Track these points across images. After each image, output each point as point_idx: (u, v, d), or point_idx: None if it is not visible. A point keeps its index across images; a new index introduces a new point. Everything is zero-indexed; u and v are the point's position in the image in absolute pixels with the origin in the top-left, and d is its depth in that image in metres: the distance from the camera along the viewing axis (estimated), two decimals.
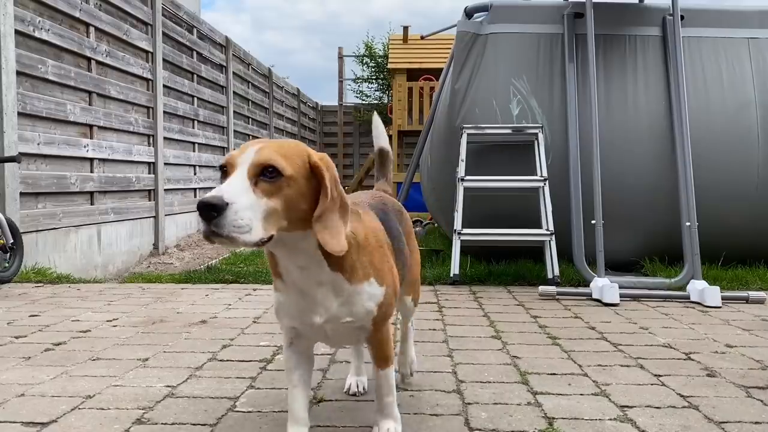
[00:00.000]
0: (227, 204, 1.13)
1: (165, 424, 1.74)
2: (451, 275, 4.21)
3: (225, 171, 1.22)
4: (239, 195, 1.16)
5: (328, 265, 1.35)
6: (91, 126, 5.72)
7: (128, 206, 6.38)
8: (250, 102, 10.55)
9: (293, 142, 1.29)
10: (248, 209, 1.15)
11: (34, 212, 4.96)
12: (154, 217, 6.93)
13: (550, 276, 4.14)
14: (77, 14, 5.48)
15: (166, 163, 7.15)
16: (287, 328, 1.48)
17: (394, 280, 1.50)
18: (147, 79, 6.79)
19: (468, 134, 4.45)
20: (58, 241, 5.25)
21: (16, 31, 4.72)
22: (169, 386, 2.06)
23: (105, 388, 2.04)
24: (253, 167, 1.19)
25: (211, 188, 9.61)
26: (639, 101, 4.56)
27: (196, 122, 8.11)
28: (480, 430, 1.70)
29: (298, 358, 1.51)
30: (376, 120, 1.99)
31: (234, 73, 9.62)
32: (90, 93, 5.70)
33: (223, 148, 9.09)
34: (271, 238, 1.20)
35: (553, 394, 2.00)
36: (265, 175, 1.19)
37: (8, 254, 4.27)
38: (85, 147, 5.60)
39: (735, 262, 4.48)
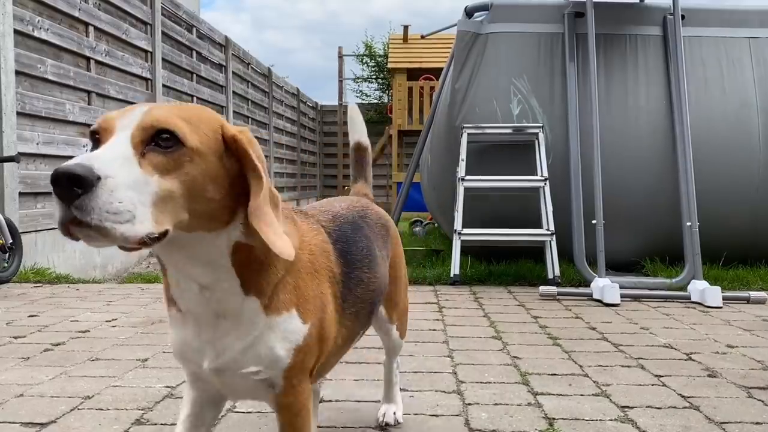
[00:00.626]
0: (99, 178, 0.77)
1: (164, 424, 1.73)
2: (452, 275, 4.20)
3: (97, 139, 0.87)
4: (118, 166, 0.80)
5: (241, 284, 0.98)
6: (90, 126, 5.71)
7: None
8: (249, 101, 10.54)
9: (201, 107, 0.95)
10: (130, 188, 0.80)
11: (33, 212, 4.95)
12: None
13: (550, 276, 4.14)
14: (76, 14, 5.47)
15: None
16: (187, 372, 1.12)
17: (324, 320, 1.09)
18: (146, 79, 6.78)
19: (468, 134, 4.45)
20: (57, 241, 5.24)
21: (15, 31, 4.71)
22: (168, 387, 2.06)
23: (104, 389, 2.03)
24: (140, 131, 0.84)
25: None
26: (640, 101, 4.55)
27: None
28: (480, 430, 1.69)
29: (197, 398, 1.14)
30: (352, 111, 1.68)
31: (233, 72, 9.61)
32: (89, 93, 5.69)
33: None
34: (164, 235, 0.84)
35: (554, 394, 1.99)
36: (157, 144, 0.84)
37: (7, 254, 4.26)
38: (84, 147, 5.59)
39: (736, 263, 4.47)
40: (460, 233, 4.30)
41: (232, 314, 1.00)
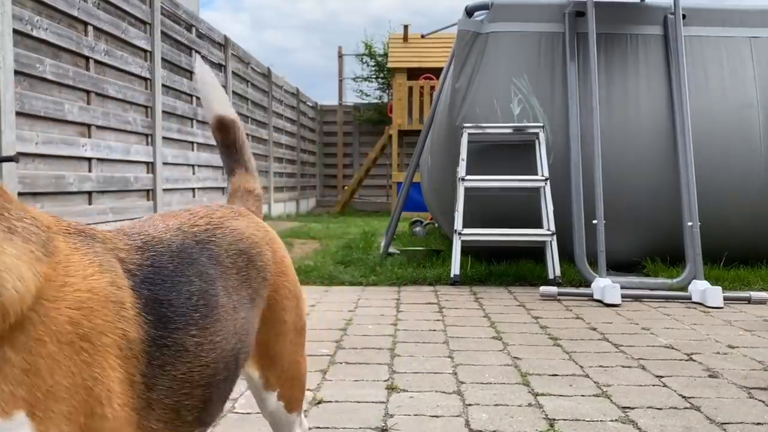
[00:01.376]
0: None
1: None
2: (452, 275, 4.19)
3: None
4: None
5: None
6: (89, 125, 5.70)
7: (127, 206, 6.36)
8: (249, 101, 10.53)
9: None
10: None
11: None
12: None
13: (551, 276, 4.13)
14: (75, 13, 5.46)
15: (164, 163, 7.14)
16: None
17: (92, 420, 0.66)
18: (145, 78, 6.77)
19: (469, 134, 4.43)
20: None
21: (14, 30, 4.70)
22: None
23: None
24: None
25: (210, 188, 9.46)
26: (640, 101, 4.54)
27: (194, 121, 8.10)
28: (481, 431, 1.68)
29: None
30: (200, 68, 1.23)
31: (233, 72, 9.60)
32: (88, 92, 5.68)
33: None
34: None
35: (554, 395, 1.98)
36: None
37: None
38: (83, 146, 5.59)
39: (737, 263, 4.46)
40: (460, 233, 4.28)
41: None
